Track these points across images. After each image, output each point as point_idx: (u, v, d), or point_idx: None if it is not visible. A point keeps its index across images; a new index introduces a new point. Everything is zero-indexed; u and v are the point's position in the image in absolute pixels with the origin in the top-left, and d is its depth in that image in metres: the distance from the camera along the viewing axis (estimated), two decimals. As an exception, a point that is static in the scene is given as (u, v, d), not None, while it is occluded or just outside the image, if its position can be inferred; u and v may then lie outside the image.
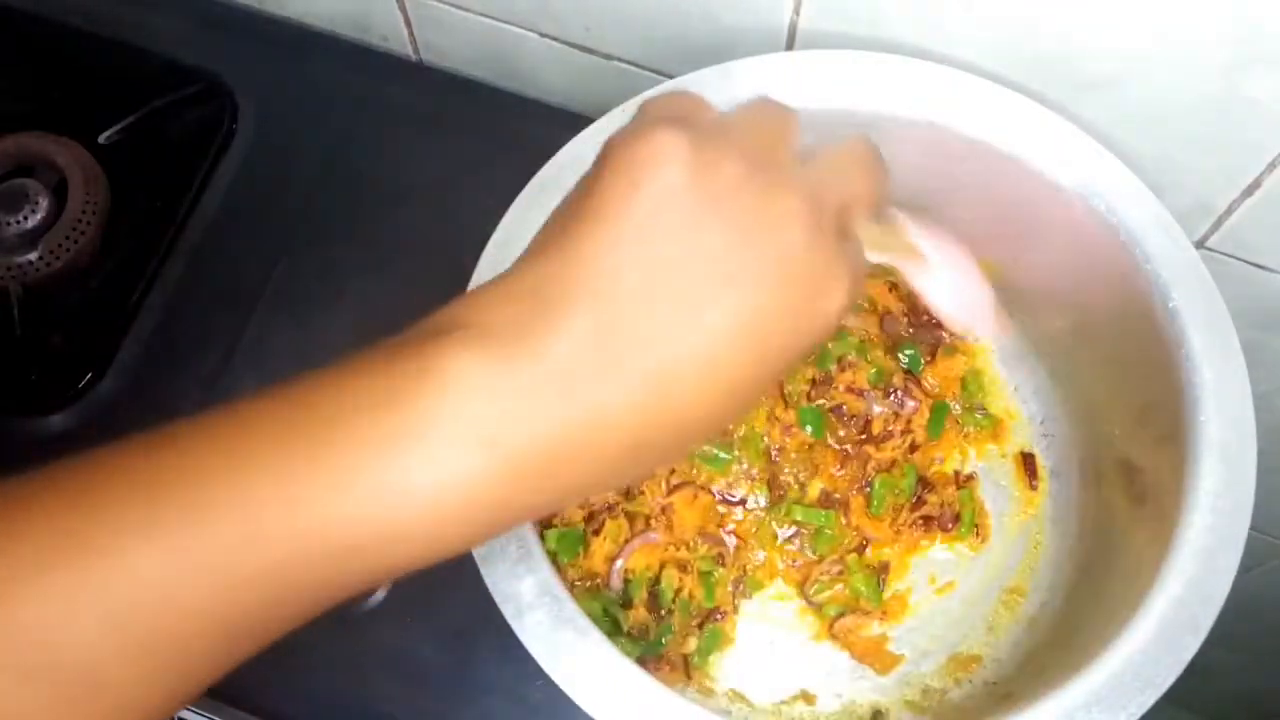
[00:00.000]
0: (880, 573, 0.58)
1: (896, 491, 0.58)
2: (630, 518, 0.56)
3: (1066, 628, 0.54)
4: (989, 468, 0.60)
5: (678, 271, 0.29)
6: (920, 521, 0.58)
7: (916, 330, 0.61)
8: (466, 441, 0.27)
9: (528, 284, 0.29)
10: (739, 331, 0.29)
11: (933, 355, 0.61)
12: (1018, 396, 0.61)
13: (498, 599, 0.45)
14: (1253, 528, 0.46)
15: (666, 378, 0.28)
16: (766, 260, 0.29)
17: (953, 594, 0.58)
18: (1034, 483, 0.59)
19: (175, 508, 0.27)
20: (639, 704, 0.43)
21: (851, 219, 0.34)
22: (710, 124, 0.32)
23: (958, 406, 0.60)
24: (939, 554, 0.59)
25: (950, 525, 0.58)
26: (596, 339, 0.28)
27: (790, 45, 0.59)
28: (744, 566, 0.58)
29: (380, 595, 0.56)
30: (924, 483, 0.59)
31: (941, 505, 0.58)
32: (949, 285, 0.42)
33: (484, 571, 0.45)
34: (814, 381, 0.59)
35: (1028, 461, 0.60)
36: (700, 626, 0.56)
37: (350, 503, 0.26)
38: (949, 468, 0.60)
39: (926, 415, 0.60)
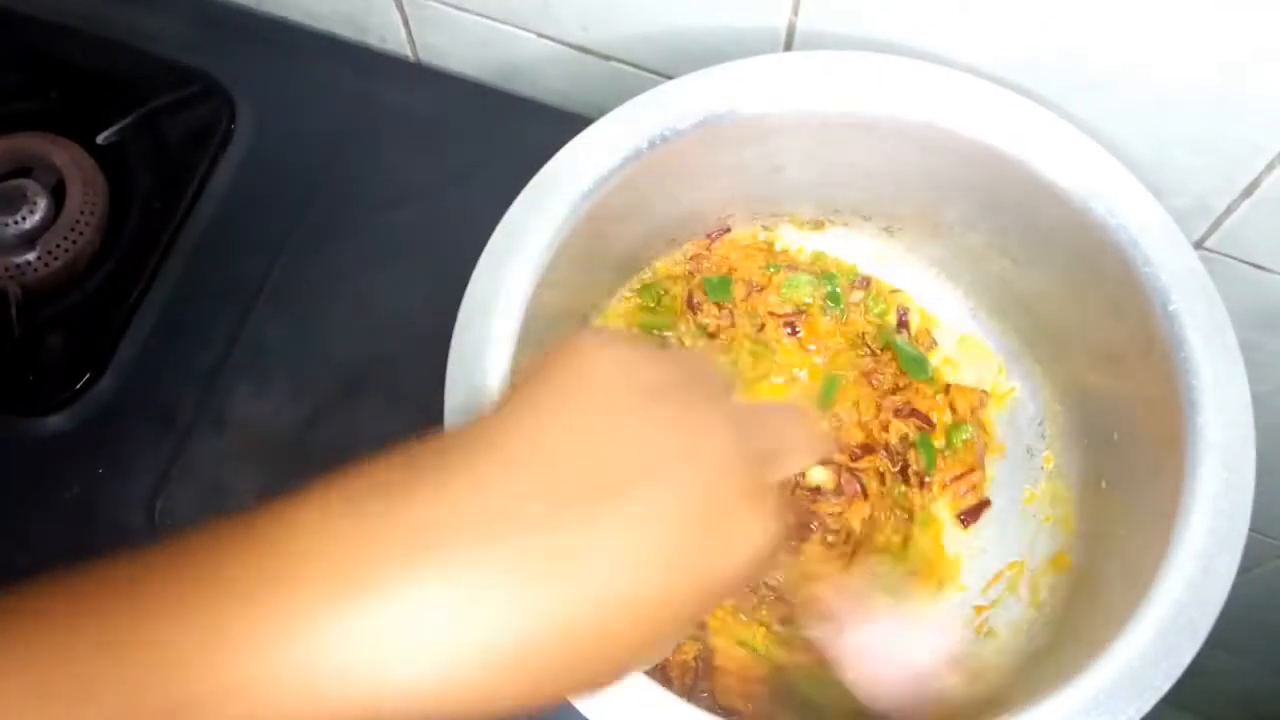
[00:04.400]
0: None
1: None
2: None
3: (1065, 630, 0.54)
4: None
5: (581, 457, 0.28)
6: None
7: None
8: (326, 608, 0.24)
9: (414, 452, 0.28)
10: (652, 532, 0.27)
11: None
12: (1015, 398, 0.61)
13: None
14: (1251, 529, 0.46)
15: (573, 581, 0.26)
16: (692, 459, 0.29)
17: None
18: None
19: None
20: (639, 705, 0.43)
21: (777, 469, 0.33)
22: (650, 345, 0.33)
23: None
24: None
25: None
26: (479, 516, 0.26)
27: (790, 45, 0.59)
28: None
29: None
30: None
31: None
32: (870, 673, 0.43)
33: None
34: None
35: None
36: None
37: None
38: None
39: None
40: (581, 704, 0.43)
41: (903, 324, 0.63)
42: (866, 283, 0.63)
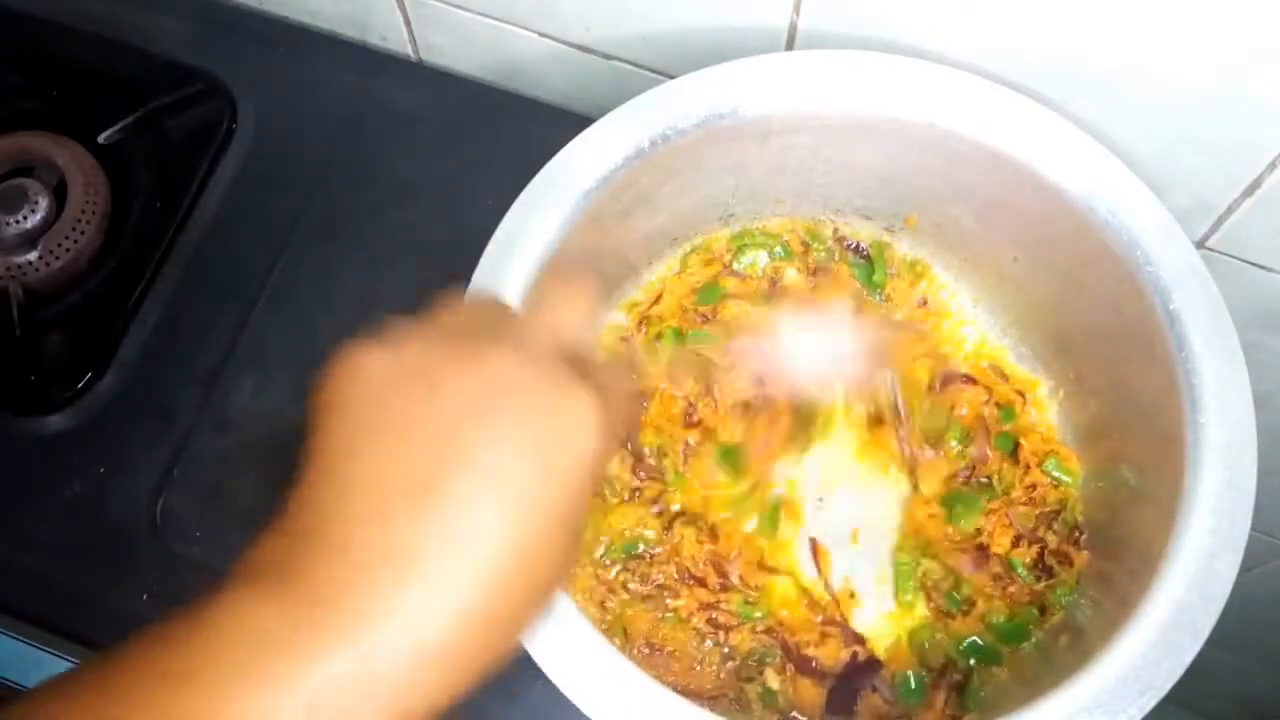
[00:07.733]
0: None
1: None
2: None
3: (1066, 630, 0.54)
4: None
5: (404, 461, 0.29)
6: None
7: None
8: (250, 686, 0.26)
9: (287, 522, 0.29)
10: (492, 486, 0.28)
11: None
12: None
13: (497, 600, 0.45)
14: (1253, 528, 0.46)
15: (451, 567, 0.28)
16: (489, 408, 0.29)
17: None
18: None
19: None
20: (639, 704, 0.43)
21: (563, 332, 0.34)
22: (405, 327, 0.33)
23: None
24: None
25: None
26: (355, 560, 0.28)
27: (790, 45, 0.59)
28: None
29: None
30: None
31: None
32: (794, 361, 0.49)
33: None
34: None
35: None
36: None
37: None
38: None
39: None
40: (582, 703, 0.43)
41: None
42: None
